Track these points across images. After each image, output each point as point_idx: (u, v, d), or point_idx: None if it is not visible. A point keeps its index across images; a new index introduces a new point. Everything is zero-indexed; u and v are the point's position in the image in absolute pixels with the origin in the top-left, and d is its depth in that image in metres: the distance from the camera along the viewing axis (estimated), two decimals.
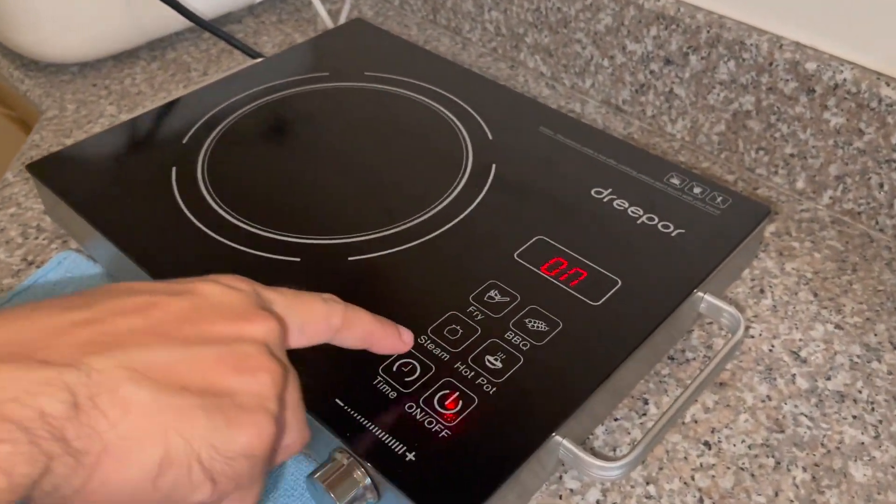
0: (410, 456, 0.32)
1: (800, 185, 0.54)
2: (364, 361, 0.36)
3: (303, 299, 0.31)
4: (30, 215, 0.52)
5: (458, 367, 0.35)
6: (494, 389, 0.35)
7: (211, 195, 0.45)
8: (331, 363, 0.36)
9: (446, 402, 0.34)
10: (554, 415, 0.34)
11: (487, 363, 0.36)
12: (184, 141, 0.49)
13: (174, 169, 0.46)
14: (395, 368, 0.35)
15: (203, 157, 0.47)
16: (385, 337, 0.34)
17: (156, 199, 0.44)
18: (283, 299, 0.30)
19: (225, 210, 0.44)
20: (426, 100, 0.53)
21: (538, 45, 0.65)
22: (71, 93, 0.64)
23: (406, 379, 0.35)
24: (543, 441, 0.33)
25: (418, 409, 0.34)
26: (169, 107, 0.52)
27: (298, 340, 0.30)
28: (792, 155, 0.53)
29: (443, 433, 0.33)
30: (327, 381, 0.35)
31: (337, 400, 0.34)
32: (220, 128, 0.50)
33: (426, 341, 0.37)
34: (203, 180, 0.46)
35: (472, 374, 0.35)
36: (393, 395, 0.34)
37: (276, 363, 0.27)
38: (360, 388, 0.35)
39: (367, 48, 0.58)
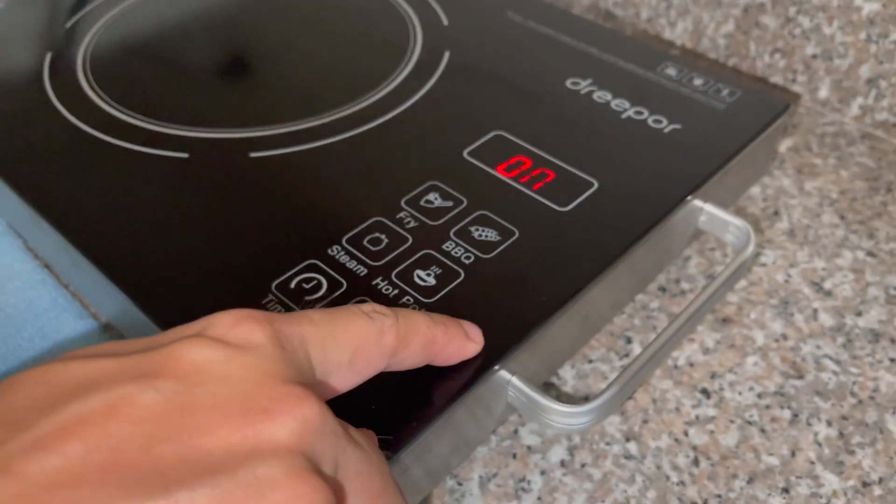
0: None
1: (823, 93, 0.45)
2: (253, 276, 0.27)
3: (342, 322, 0.21)
4: None
5: (378, 284, 0.27)
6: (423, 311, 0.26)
7: (89, 83, 0.36)
8: (211, 280, 0.27)
9: None
10: (500, 344, 0.25)
11: (417, 279, 0.27)
12: (67, 25, 0.40)
13: (49, 55, 0.37)
14: (293, 285, 0.27)
15: (88, 42, 0.38)
16: (449, 342, 0.24)
17: (20, 89, 0.36)
18: (315, 332, 0.20)
19: (104, 100, 0.35)
20: None
21: None
22: None
23: (307, 297, 0.26)
24: (482, 376, 0.24)
25: None
26: None
27: (348, 380, 0.21)
28: (814, 56, 0.44)
29: None
30: (206, 302, 0.26)
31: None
32: (114, 11, 0.41)
33: (339, 253, 0.28)
34: (83, 68, 0.37)
35: (396, 292, 0.27)
36: None
37: (320, 485, 0.17)
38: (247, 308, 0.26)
39: None
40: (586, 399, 0.30)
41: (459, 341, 0.24)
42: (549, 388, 0.31)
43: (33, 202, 0.30)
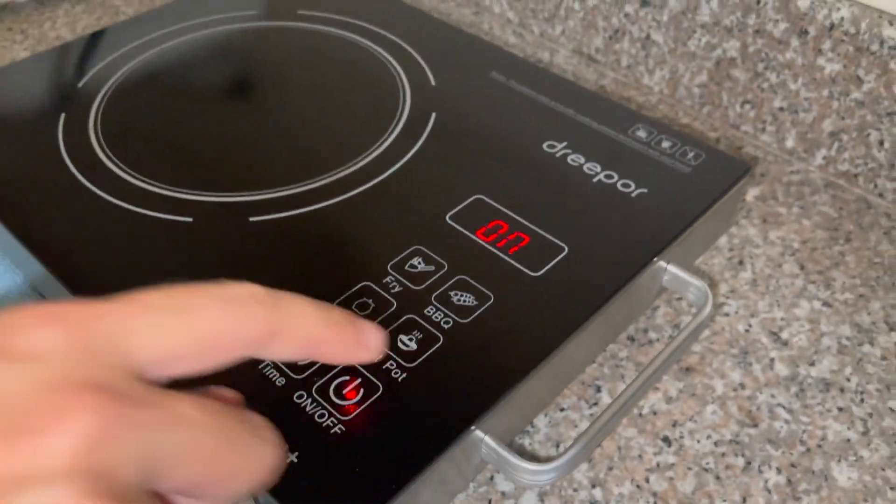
0: (292, 457, 0.26)
1: (790, 143, 0.47)
2: None
3: (189, 307, 0.19)
4: None
5: None
6: (404, 376, 0.29)
7: (101, 145, 0.38)
8: None
9: (345, 392, 0.28)
10: (473, 406, 0.28)
11: (400, 344, 0.30)
12: (79, 84, 0.42)
13: (63, 115, 0.40)
14: None
15: (99, 102, 0.41)
16: (337, 344, 0.22)
17: (36, 150, 0.38)
18: (145, 321, 0.18)
19: (114, 162, 0.37)
20: (364, 41, 0.46)
21: None
22: None
23: (300, 363, 0.29)
24: (457, 437, 0.27)
25: (309, 400, 0.28)
26: (72, 46, 0.46)
27: (198, 367, 0.19)
28: (781, 108, 0.47)
29: (336, 429, 0.27)
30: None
31: (213, 387, 0.28)
32: (123, 70, 0.43)
33: None
34: (94, 129, 0.39)
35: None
36: (281, 381, 0.28)
37: None
38: (243, 372, 0.29)
39: None
40: (557, 447, 0.33)
41: (350, 347, 0.23)
42: (523, 435, 0.34)
43: (48, 264, 0.33)
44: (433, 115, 0.40)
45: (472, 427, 0.28)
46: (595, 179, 0.37)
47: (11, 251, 0.37)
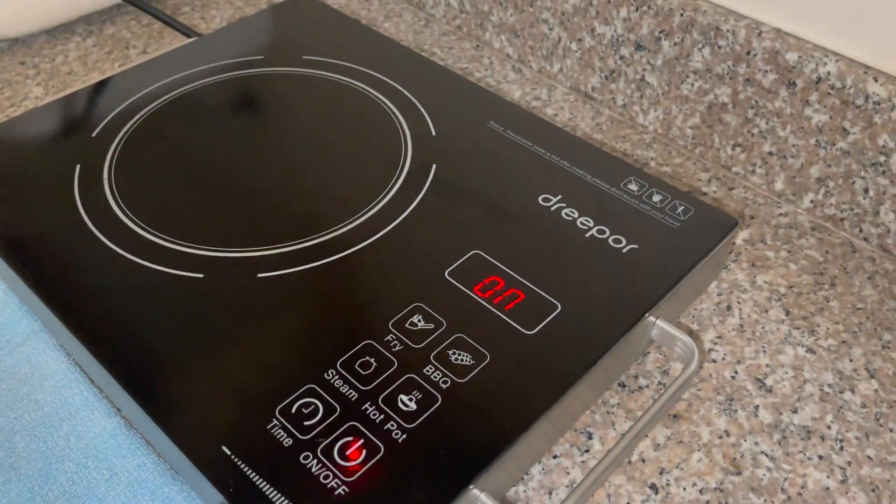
0: None
1: (779, 186, 0.49)
2: (259, 400, 0.31)
3: None
4: None
5: (367, 409, 0.31)
6: (404, 437, 0.30)
7: (115, 198, 0.40)
8: (222, 401, 0.31)
9: (349, 452, 0.30)
10: (470, 466, 0.30)
11: (400, 404, 0.32)
12: (93, 134, 0.44)
13: (78, 166, 0.42)
14: (294, 410, 0.31)
15: (112, 153, 0.43)
16: None
17: (54, 201, 0.40)
18: None
19: (128, 216, 0.39)
20: (367, 89, 0.48)
21: (504, 24, 0.59)
22: None
23: (305, 423, 0.31)
24: (456, 497, 0.29)
25: (315, 461, 0.30)
26: (87, 93, 0.47)
27: None
28: (770, 153, 0.48)
29: (339, 490, 0.29)
30: (215, 423, 0.31)
31: (224, 447, 0.30)
32: (134, 119, 0.45)
33: (333, 377, 0.32)
34: (108, 181, 0.41)
35: (382, 417, 0.31)
36: (289, 442, 0.30)
37: None
38: (253, 433, 0.31)
39: (310, 27, 0.53)
40: (550, 494, 0.35)
41: None
42: (518, 483, 0.35)
43: (61, 315, 0.35)
44: (433, 166, 0.42)
45: (470, 487, 0.29)
46: (588, 234, 0.38)
47: (28, 300, 0.39)
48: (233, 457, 0.30)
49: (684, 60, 0.49)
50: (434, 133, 0.44)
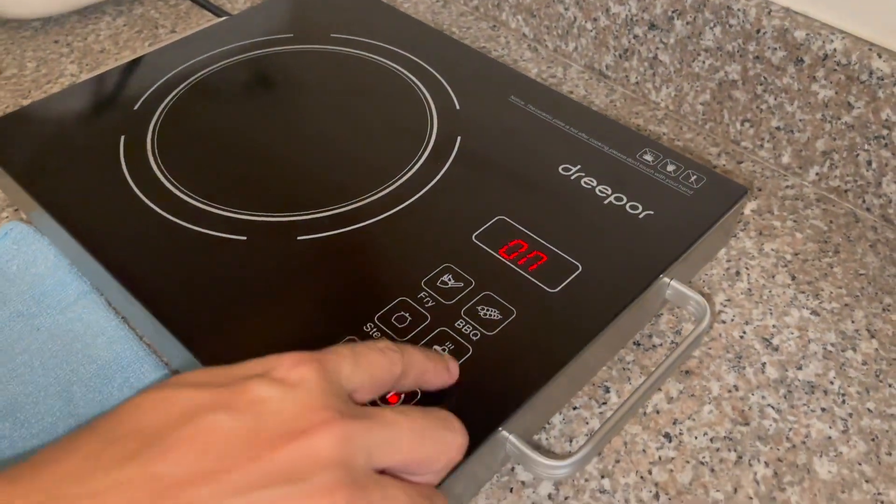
0: None
1: (786, 159, 0.51)
2: (303, 349, 0.34)
3: (365, 356, 0.29)
4: None
5: None
6: None
7: (159, 167, 0.43)
8: (267, 351, 0.34)
9: (388, 396, 0.32)
10: (499, 410, 0.32)
11: None
12: (135, 107, 0.46)
13: (123, 137, 0.44)
14: None
15: (154, 125, 0.45)
16: (437, 374, 0.32)
17: (102, 170, 0.42)
18: (346, 363, 0.28)
19: (172, 183, 0.42)
20: (394, 65, 0.50)
21: (520, 4, 0.61)
22: (32, 50, 0.61)
23: None
24: (487, 437, 0.32)
25: None
26: (124, 69, 0.50)
27: (368, 396, 0.29)
28: (778, 128, 0.50)
29: None
30: None
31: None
32: (173, 94, 0.47)
33: (372, 329, 0.35)
34: (152, 151, 0.43)
35: None
36: None
37: (350, 486, 0.24)
38: None
39: (337, 7, 0.55)
40: (570, 441, 0.37)
41: (443, 375, 0.32)
42: (539, 431, 0.38)
43: (117, 274, 0.37)
44: (458, 138, 0.44)
45: (500, 428, 0.32)
46: (606, 201, 0.41)
47: (80, 262, 0.41)
48: None
49: (696, 39, 0.51)
50: (458, 107, 0.47)
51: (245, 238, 0.39)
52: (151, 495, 0.22)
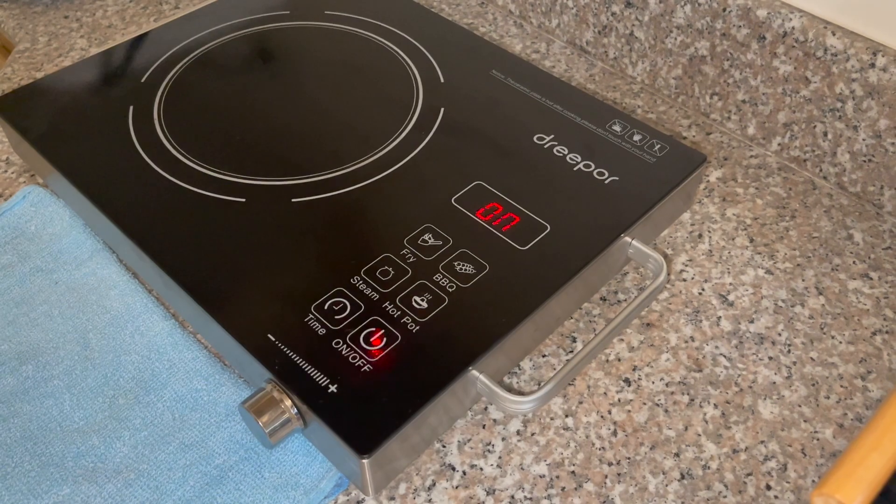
0: (333, 388, 0.35)
1: (751, 130, 0.55)
2: (297, 300, 0.38)
3: None
4: (0, 148, 0.54)
5: (386, 307, 0.38)
6: (418, 328, 0.37)
7: (165, 135, 0.46)
8: (265, 300, 0.38)
9: (372, 339, 0.36)
10: (470, 351, 0.36)
11: (414, 303, 0.38)
12: (143, 79, 0.50)
13: (131, 108, 0.48)
14: (326, 307, 0.38)
15: (160, 96, 0.49)
16: None
17: (112, 137, 0.46)
18: None
19: (178, 150, 0.45)
20: (384, 41, 0.53)
21: None
22: (43, 25, 0.65)
23: (336, 317, 0.37)
24: (457, 375, 0.36)
25: (345, 346, 0.36)
26: (131, 44, 0.53)
27: None
28: (744, 101, 0.54)
29: (365, 367, 0.35)
30: (261, 316, 0.37)
31: (269, 335, 0.36)
32: (177, 67, 0.51)
33: (358, 282, 0.39)
34: (158, 120, 0.47)
35: (399, 313, 0.38)
36: (322, 331, 0.37)
37: None
38: (293, 324, 0.37)
39: None
40: (538, 384, 0.41)
41: None
42: (511, 376, 0.42)
43: (128, 232, 0.41)
44: (442, 109, 0.48)
45: (470, 368, 0.36)
46: (576, 168, 0.44)
47: (93, 221, 0.45)
48: (277, 342, 0.36)
49: (668, 17, 0.54)
50: (442, 80, 0.50)
51: (244, 200, 0.43)
52: None
